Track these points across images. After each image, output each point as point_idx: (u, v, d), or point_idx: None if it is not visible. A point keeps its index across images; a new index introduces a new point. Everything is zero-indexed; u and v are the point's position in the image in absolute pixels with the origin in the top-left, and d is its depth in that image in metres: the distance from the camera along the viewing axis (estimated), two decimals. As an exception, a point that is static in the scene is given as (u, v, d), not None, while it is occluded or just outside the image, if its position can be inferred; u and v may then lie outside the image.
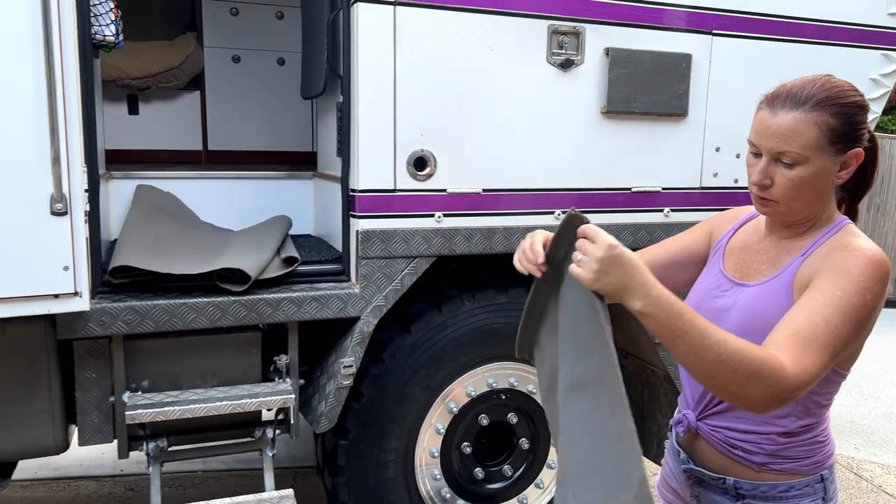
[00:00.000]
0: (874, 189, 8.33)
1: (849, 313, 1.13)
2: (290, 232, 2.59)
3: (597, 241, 1.11)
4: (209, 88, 3.32)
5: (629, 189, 2.49)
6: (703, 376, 1.10)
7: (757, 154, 1.26)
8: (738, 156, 2.63)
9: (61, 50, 1.71)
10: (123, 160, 3.11)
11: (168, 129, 3.27)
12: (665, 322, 1.08)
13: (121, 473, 3.41)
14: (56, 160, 1.72)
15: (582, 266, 1.11)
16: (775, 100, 1.26)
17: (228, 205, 2.69)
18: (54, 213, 1.74)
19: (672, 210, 2.58)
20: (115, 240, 2.35)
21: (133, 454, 3.41)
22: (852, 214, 1.35)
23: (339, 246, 2.40)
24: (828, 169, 1.22)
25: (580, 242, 1.13)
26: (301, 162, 3.47)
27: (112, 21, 2.06)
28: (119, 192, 2.51)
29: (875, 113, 2.81)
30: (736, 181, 2.66)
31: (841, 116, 1.21)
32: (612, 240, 1.10)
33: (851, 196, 1.36)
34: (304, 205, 2.81)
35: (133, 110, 3.19)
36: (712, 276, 1.39)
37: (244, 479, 3.40)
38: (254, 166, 3.20)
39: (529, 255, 1.24)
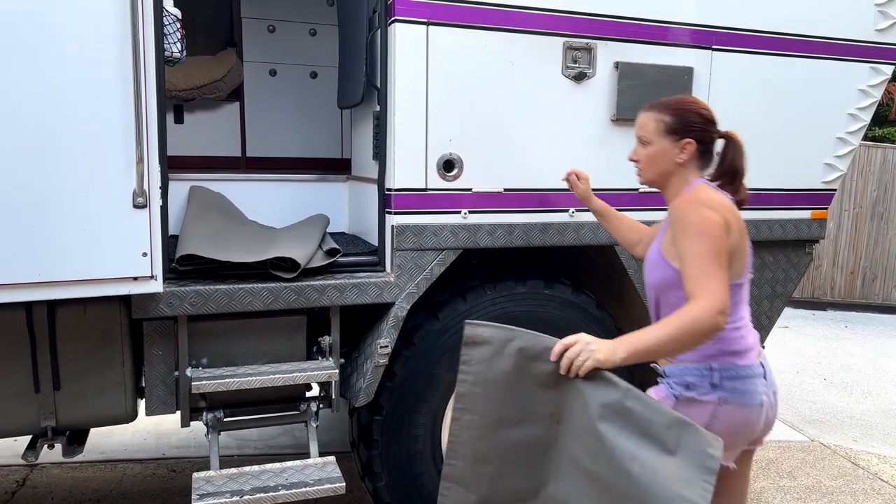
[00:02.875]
0: (878, 198, 8.53)
1: (703, 239, 1.69)
2: (327, 230, 2.85)
3: (570, 343, 1.60)
4: (248, 99, 3.60)
5: (636, 190, 2.73)
6: (679, 352, 1.69)
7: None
8: (736, 160, 2.87)
9: (145, 64, 1.98)
10: (170, 165, 3.38)
11: (210, 137, 3.55)
12: (642, 354, 1.60)
13: (163, 457, 3.66)
14: (140, 160, 1.98)
15: (587, 361, 1.56)
16: (644, 106, 1.94)
17: (271, 205, 2.95)
18: (136, 206, 2.01)
19: (676, 209, 2.82)
20: (175, 235, 2.61)
21: (171, 440, 3.66)
22: (736, 191, 1.93)
23: (373, 241, 2.66)
24: (667, 150, 1.87)
25: (568, 353, 1.59)
26: (331, 168, 3.74)
27: (178, 39, 2.33)
28: (175, 192, 2.77)
29: (864, 121, 3.05)
30: (735, 183, 2.89)
31: (674, 116, 1.86)
32: (574, 336, 1.61)
33: (731, 178, 1.93)
34: (340, 205, 3.07)
35: (179, 119, 3.47)
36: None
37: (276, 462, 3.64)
38: (287, 172, 3.47)
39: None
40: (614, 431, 1.57)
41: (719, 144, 1.95)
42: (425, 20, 2.36)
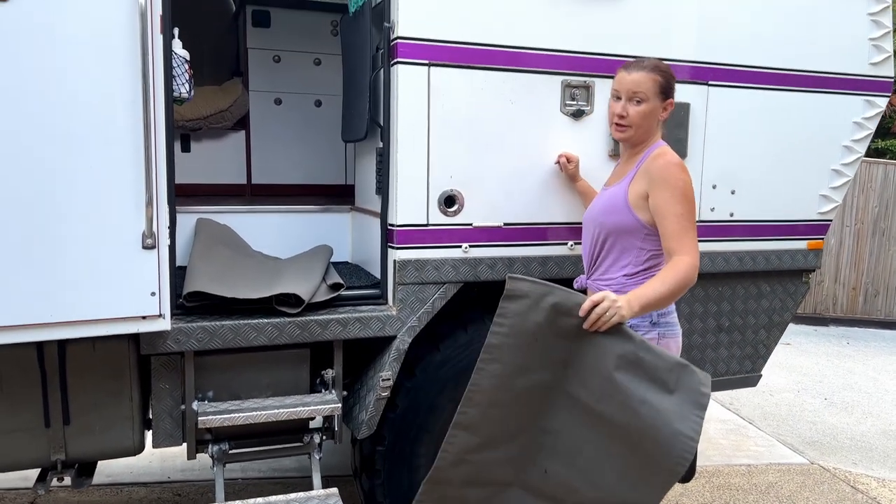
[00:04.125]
0: (879, 214, 8.57)
1: (685, 200, 2.01)
2: (331, 260, 2.91)
3: (598, 300, 1.85)
4: (253, 128, 3.67)
5: (634, 223, 2.78)
6: (674, 297, 1.98)
7: (618, 98, 2.16)
8: (732, 192, 2.93)
9: (154, 109, 2.04)
10: (177, 193, 3.44)
11: (216, 166, 3.62)
12: (649, 307, 1.94)
13: (168, 480, 3.70)
14: (149, 203, 2.04)
15: (614, 316, 1.85)
16: (629, 66, 2.17)
17: (275, 235, 3.01)
18: (145, 247, 2.06)
19: (673, 241, 2.86)
20: (182, 266, 2.66)
21: (175, 463, 3.71)
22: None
23: (376, 272, 2.71)
24: (656, 108, 2.14)
25: (597, 310, 1.85)
26: (334, 194, 3.80)
27: (187, 80, 2.40)
28: (182, 224, 2.83)
29: (858, 153, 3.10)
30: (731, 215, 2.94)
31: (664, 77, 2.12)
32: (600, 294, 1.88)
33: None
34: (343, 235, 3.12)
35: (185, 148, 3.54)
36: (601, 189, 2.35)
37: (280, 485, 3.68)
38: (292, 199, 3.53)
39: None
40: (628, 378, 1.85)
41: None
42: (427, 61, 2.42)
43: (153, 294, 2.09)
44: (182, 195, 3.47)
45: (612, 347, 1.88)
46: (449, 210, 2.53)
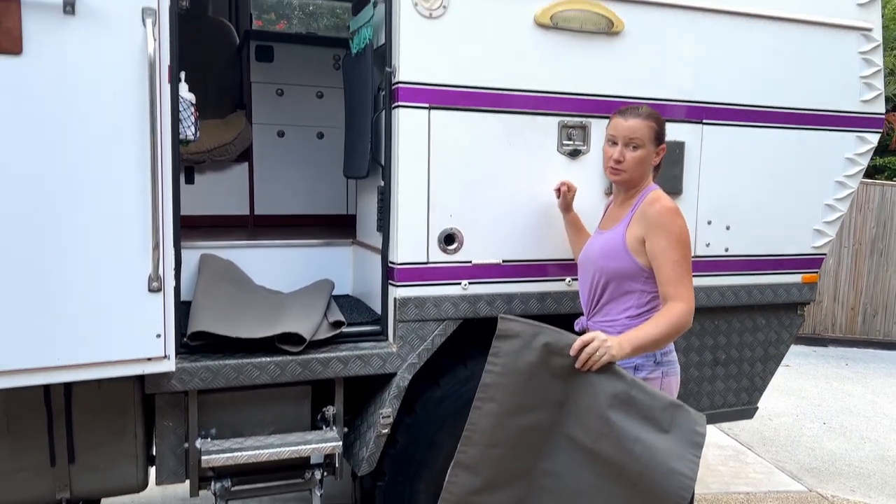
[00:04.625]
0: (877, 234, 8.61)
1: (681, 246, 2.08)
2: (333, 293, 2.95)
3: (589, 340, 1.92)
4: (257, 160, 3.73)
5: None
6: (665, 345, 2.10)
7: (614, 143, 2.24)
8: (727, 227, 2.97)
9: (161, 157, 2.09)
10: (181, 225, 3.50)
11: (219, 197, 3.67)
12: (641, 349, 2.02)
13: (169, 509, 3.72)
14: (156, 246, 2.09)
15: (604, 356, 1.92)
16: (625, 112, 2.24)
17: (278, 269, 3.05)
18: (151, 290, 2.11)
19: (670, 276, 2.91)
20: (186, 301, 2.70)
21: (177, 491, 3.72)
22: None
23: (376, 307, 2.75)
24: (651, 153, 2.23)
25: (587, 349, 1.91)
26: (336, 224, 3.85)
27: (192, 122, 2.46)
28: (186, 259, 2.88)
29: (851, 188, 3.16)
30: (726, 249, 2.99)
31: (658, 124, 2.23)
32: (591, 334, 1.96)
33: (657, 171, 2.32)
34: (344, 269, 3.17)
35: (189, 180, 3.60)
36: (595, 231, 2.43)
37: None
38: (294, 229, 3.58)
39: None
40: (621, 417, 1.89)
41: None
42: (427, 105, 2.48)
43: (158, 336, 2.13)
44: (186, 227, 3.52)
45: (604, 387, 1.93)
46: (449, 248, 2.58)
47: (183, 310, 2.56)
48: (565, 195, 2.62)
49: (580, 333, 2.28)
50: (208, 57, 3.82)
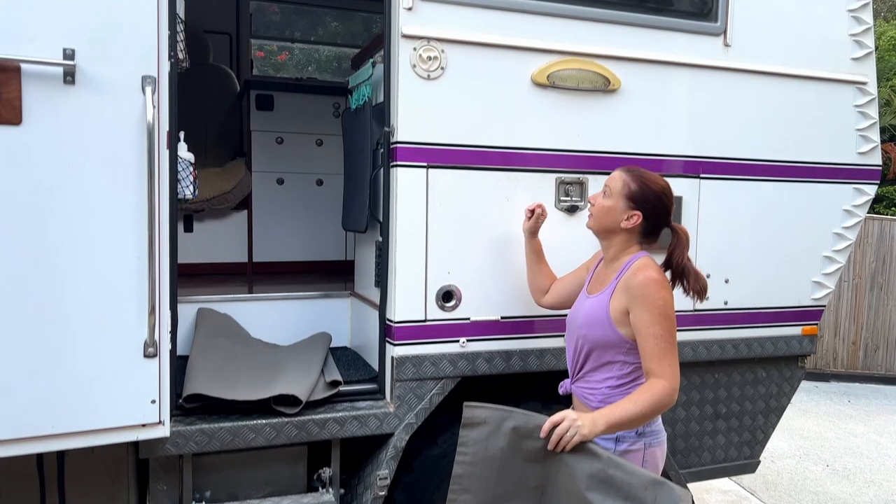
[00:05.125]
0: (876, 268, 8.61)
1: (664, 320, 1.95)
2: (330, 345, 2.94)
3: (558, 420, 1.85)
4: (256, 208, 3.73)
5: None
6: (644, 423, 1.97)
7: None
8: (726, 281, 2.97)
9: (159, 220, 2.09)
10: (179, 273, 3.50)
11: (218, 245, 3.67)
12: (617, 427, 1.90)
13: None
14: (153, 311, 2.08)
15: (575, 436, 1.82)
16: (626, 166, 2.17)
17: (275, 322, 3.04)
18: (146, 356, 2.10)
19: (669, 330, 2.89)
20: (182, 355, 2.68)
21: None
22: (689, 286, 2.12)
23: (374, 362, 2.74)
24: (619, 210, 2.09)
25: (557, 430, 1.83)
26: (334, 270, 3.85)
27: (191, 182, 2.47)
28: (183, 313, 2.87)
29: (849, 240, 3.16)
30: (726, 303, 2.98)
31: (639, 186, 2.08)
32: (560, 414, 1.87)
33: (678, 274, 2.13)
34: (342, 321, 3.16)
35: (188, 228, 3.60)
36: (582, 291, 2.28)
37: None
38: (292, 279, 3.58)
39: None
40: (601, 498, 1.79)
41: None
42: (425, 164, 2.49)
43: (153, 402, 2.11)
44: (185, 275, 3.52)
45: (580, 467, 1.84)
46: (447, 305, 2.57)
47: (179, 366, 2.55)
48: (538, 217, 2.50)
49: (565, 396, 2.26)
50: (209, 104, 3.85)
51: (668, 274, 2.12)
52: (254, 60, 4.60)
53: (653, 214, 2.09)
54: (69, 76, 1.96)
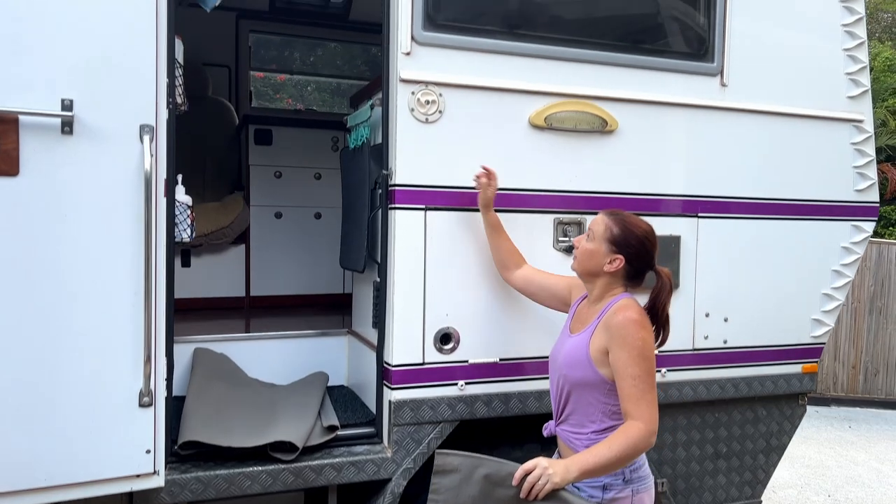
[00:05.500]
0: (875, 292, 8.61)
1: (642, 361, 1.93)
2: (328, 384, 2.92)
3: (530, 468, 1.85)
4: (253, 242, 3.73)
5: (629, 354, 2.80)
6: (620, 468, 1.95)
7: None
8: (725, 319, 2.96)
9: (156, 267, 2.08)
10: (175, 308, 3.48)
11: (215, 279, 3.66)
12: (591, 473, 1.89)
13: None
14: (148, 360, 2.06)
15: (546, 484, 1.82)
16: (609, 210, 2.17)
17: (273, 362, 3.02)
18: (142, 406, 2.08)
19: (668, 370, 2.88)
20: (177, 396, 2.66)
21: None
22: (660, 331, 2.11)
23: (371, 404, 2.71)
24: (602, 253, 2.08)
25: (529, 478, 1.83)
26: (333, 303, 3.83)
27: (189, 225, 2.46)
28: (180, 353, 2.84)
29: (848, 277, 3.15)
30: (725, 342, 2.97)
31: (621, 230, 2.07)
32: (532, 461, 1.87)
33: (656, 316, 2.09)
34: (339, 359, 3.14)
35: (186, 263, 3.59)
36: (563, 329, 2.26)
37: None
38: (290, 315, 3.57)
39: None
40: None
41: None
42: (423, 206, 2.49)
43: (148, 451, 2.09)
44: (182, 310, 3.50)
45: None
46: (445, 347, 2.55)
47: (175, 408, 2.52)
48: (485, 188, 2.44)
49: (549, 438, 2.24)
50: (208, 138, 3.86)
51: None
52: (253, 84, 4.62)
53: (635, 259, 2.08)
54: (67, 126, 1.96)
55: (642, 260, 2.10)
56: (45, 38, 1.93)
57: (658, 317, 2.08)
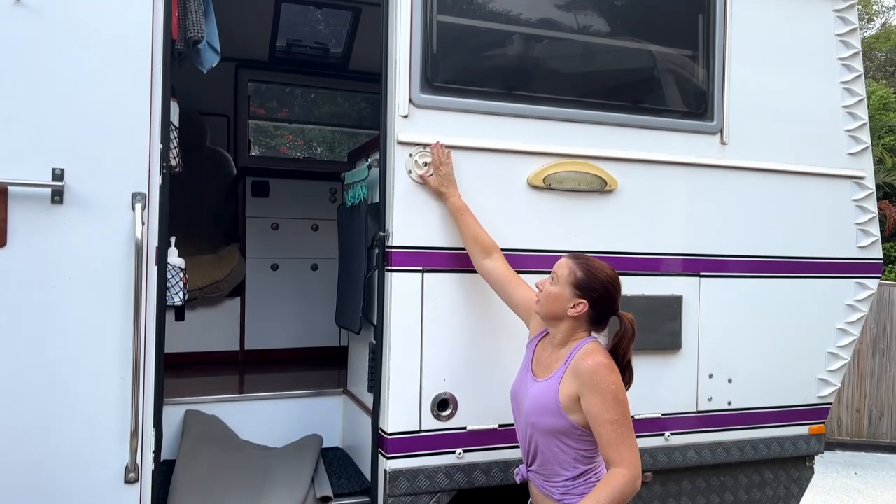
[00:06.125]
0: (877, 334, 8.53)
1: (617, 405, 1.91)
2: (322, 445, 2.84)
3: None
4: (249, 295, 3.67)
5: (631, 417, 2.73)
6: None
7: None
8: (729, 380, 2.89)
9: (145, 339, 2.03)
10: (169, 362, 3.41)
11: (209, 333, 3.60)
12: None
13: None
14: (135, 433, 1.99)
15: None
16: (574, 254, 2.16)
17: (266, 422, 2.94)
18: (127, 482, 2.00)
19: (672, 434, 2.80)
20: (167, 460, 2.58)
21: None
22: (618, 357, 2.05)
23: (366, 469, 2.63)
24: (566, 297, 2.04)
25: None
26: (329, 356, 3.76)
27: (181, 289, 2.41)
28: (170, 416, 2.77)
29: (853, 335, 3.10)
30: (729, 403, 2.89)
31: (585, 275, 2.04)
32: None
33: (621, 363, 2.04)
34: (334, 420, 3.06)
35: (179, 317, 3.51)
36: (524, 370, 2.20)
37: None
38: (285, 365, 3.50)
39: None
40: None
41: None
42: (421, 268, 2.44)
43: (132, 530, 2.01)
44: (175, 365, 3.43)
45: None
46: (442, 414, 2.48)
47: (164, 472, 2.44)
48: (437, 168, 2.38)
49: (521, 484, 2.19)
50: (205, 188, 3.83)
51: None
52: (252, 132, 4.62)
53: (599, 303, 2.05)
54: (57, 196, 1.92)
55: (606, 305, 2.07)
56: (36, 107, 1.91)
57: (620, 361, 2.05)
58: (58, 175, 1.92)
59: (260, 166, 4.05)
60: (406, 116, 2.42)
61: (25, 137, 1.90)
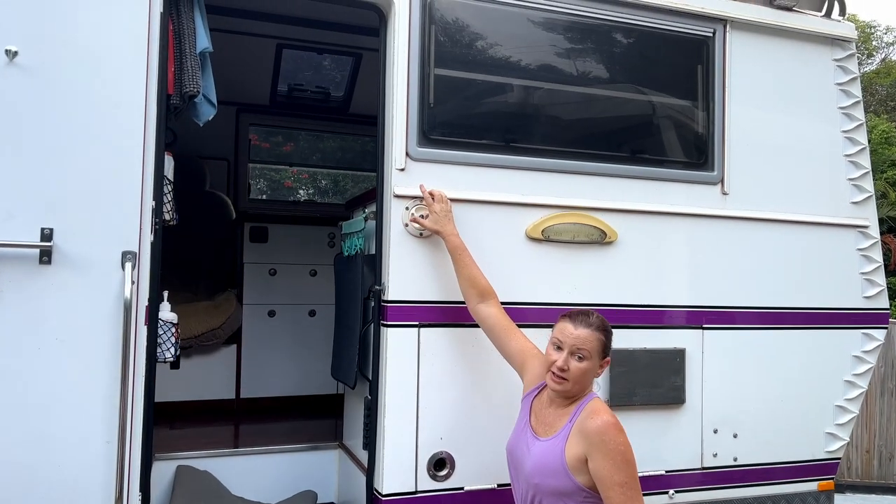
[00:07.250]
0: (885, 374, 8.39)
1: (626, 466, 1.87)
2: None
3: None
4: (245, 342, 3.62)
5: (635, 476, 2.65)
6: None
7: (559, 348, 2.02)
8: (735, 435, 2.81)
9: (133, 402, 1.98)
10: (163, 411, 3.34)
11: (205, 381, 3.54)
12: None
13: None
14: (119, 499, 1.93)
15: None
16: (574, 319, 2.05)
17: (260, 478, 2.86)
18: (110, 552, 1.93)
19: (676, 491, 2.72)
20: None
21: None
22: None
23: (361, 528, 2.55)
24: (595, 365, 2.03)
25: None
26: (325, 403, 3.69)
27: (173, 344, 2.36)
28: (161, 472, 2.70)
29: (861, 388, 3.03)
30: (735, 459, 2.81)
31: (607, 336, 2.05)
32: None
33: None
34: (329, 474, 2.98)
35: (175, 366, 3.47)
36: (522, 426, 2.13)
37: None
38: (281, 415, 3.43)
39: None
40: None
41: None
42: (417, 323, 2.40)
43: None
44: (169, 412, 3.36)
45: None
46: (439, 474, 2.41)
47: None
48: (431, 206, 2.34)
49: None
50: (203, 233, 3.81)
51: None
52: (256, 149, 4.61)
53: (610, 350, 2.11)
54: (46, 256, 1.89)
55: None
56: (26, 166, 1.90)
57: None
58: (46, 235, 1.89)
59: (258, 211, 4.03)
60: (402, 170, 2.40)
61: (14, 196, 1.88)
